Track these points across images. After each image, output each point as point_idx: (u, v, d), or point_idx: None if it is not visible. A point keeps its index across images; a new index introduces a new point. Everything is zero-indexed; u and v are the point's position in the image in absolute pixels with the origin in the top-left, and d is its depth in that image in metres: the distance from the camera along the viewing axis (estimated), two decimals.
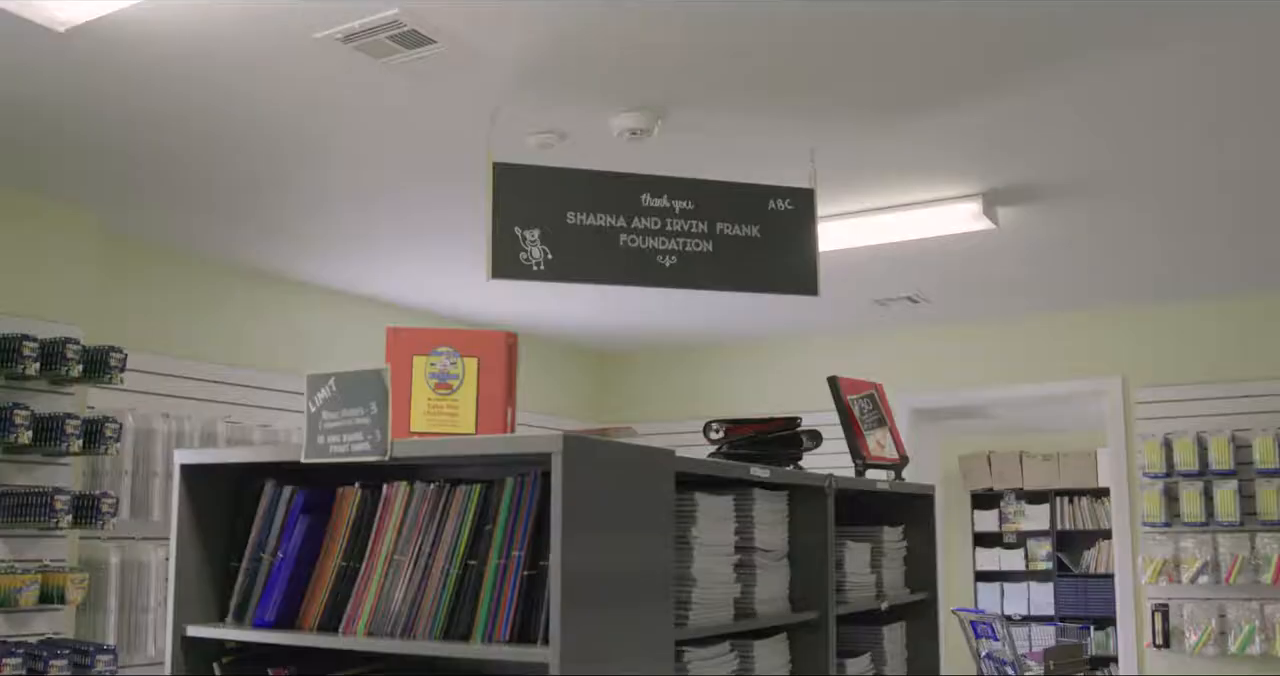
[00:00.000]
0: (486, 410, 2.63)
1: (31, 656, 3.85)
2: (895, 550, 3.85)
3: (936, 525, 4.07)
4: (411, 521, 2.36)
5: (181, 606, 2.59)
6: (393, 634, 2.31)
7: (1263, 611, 5.99)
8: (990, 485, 11.64)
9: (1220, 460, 6.12)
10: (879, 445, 3.77)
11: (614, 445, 2.26)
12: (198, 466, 2.65)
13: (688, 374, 7.92)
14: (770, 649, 2.99)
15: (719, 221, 3.64)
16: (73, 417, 4.16)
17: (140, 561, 4.63)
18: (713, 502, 2.76)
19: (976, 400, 7.11)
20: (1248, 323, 6.34)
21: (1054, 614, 11.25)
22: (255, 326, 5.68)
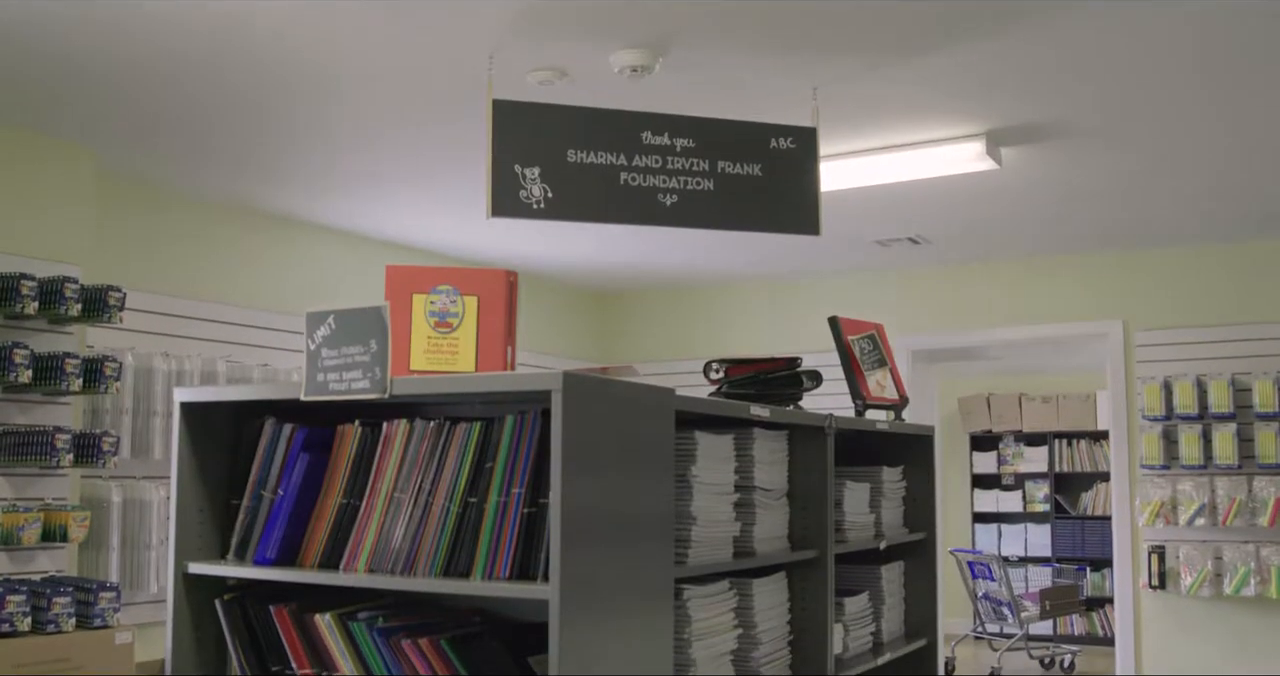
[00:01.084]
0: (486, 348, 2.62)
1: (35, 593, 3.88)
2: (894, 490, 3.86)
3: (935, 466, 4.08)
4: (411, 459, 2.36)
5: (183, 544, 2.60)
6: (393, 571, 2.32)
7: (1258, 553, 6.02)
8: (989, 427, 11.67)
9: (1220, 403, 6.13)
10: (879, 386, 3.77)
11: (614, 383, 2.26)
12: (197, 404, 2.65)
13: (688, 314, 7.91)
14: (769, 587, 3.00)
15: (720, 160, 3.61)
16: (72, 357, 4.16)
17: (141, 500, 4.65)
18: (713, 442, 2.76)
19: (977, 342, 7.11)
20: (1250, 266, 6.33)
21: (1050, 555, 11.33)
22: (255, 265, 5.67)
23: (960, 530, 11.64)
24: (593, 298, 8.15)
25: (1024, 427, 11.53)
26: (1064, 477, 11.50)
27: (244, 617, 2.54)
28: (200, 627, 2.61)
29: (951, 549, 9.99)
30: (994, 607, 9.63)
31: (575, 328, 7.95)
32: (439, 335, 2.65)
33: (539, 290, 7.48)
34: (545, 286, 7.59)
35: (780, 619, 3.07)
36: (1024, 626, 9.40)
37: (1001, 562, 9.52)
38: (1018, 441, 11.69)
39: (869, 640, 3.65)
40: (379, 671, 2.32)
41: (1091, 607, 10.94)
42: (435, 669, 2.23)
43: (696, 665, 2.64)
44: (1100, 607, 10.93)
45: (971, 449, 11.86)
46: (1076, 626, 11.01)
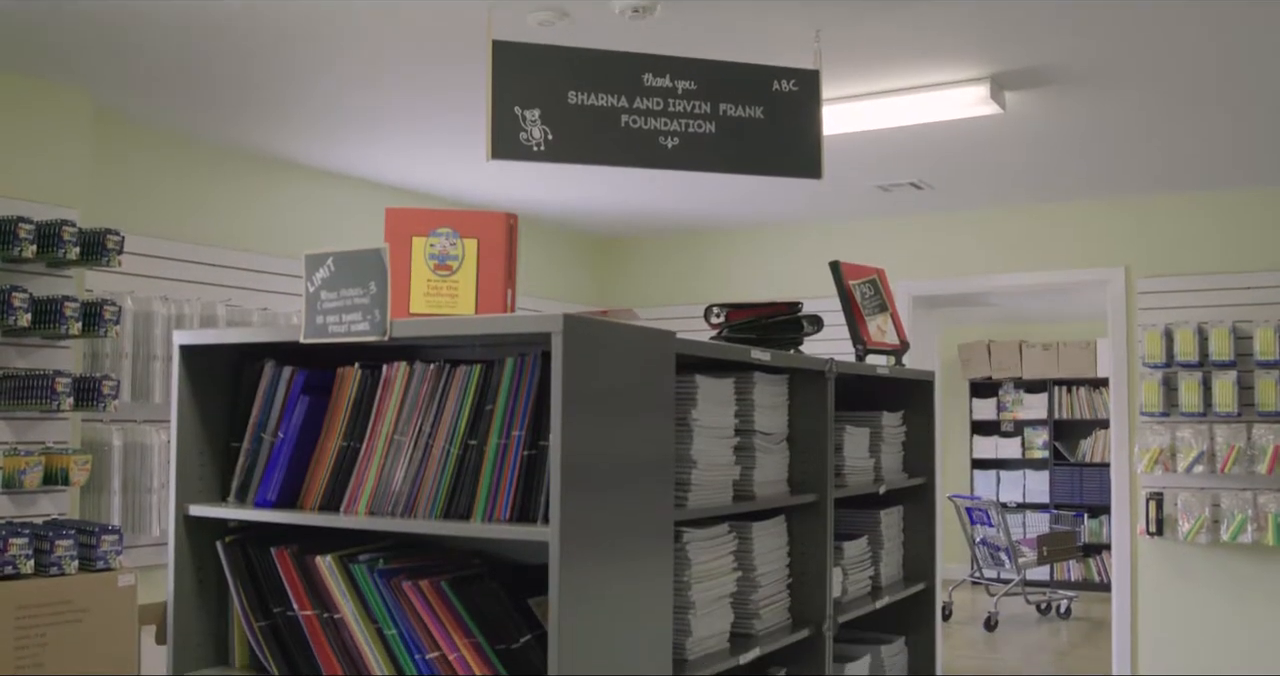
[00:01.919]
0: (486, 291, 2.61)
1: (37, 536, 3.89)
2: (894, 435, 3.86)
3: (935, 412, 4.09)
4: (411, 401, 2.36)
5: (183, 487, 2.60)
6: (393, 513, 2.32)
7: (1256, 501, 6.05)
8: (989, 374, 11.70)
9: (1220, 351, 6.13)
10: (880, 330, 3.76)
11: (615, 326, 2.25)
12: (197, 347, 2.64)
13: (689, 259, 7.89)
14: (768, 531, 3.01)
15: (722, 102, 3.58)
16: (71, 300, 4.14)
17: (142, 444, 4.66)
18: (713, 385, 2.76)
19: (978, 288, 7.10)
20: (1252, 214, 6.30)
21: (1049, 501, 11.40)
22: (254, 209, 5.64)
23: (959, 476, 11.71)
24: (593, 242, 8.12)
25: (1024, 375, 11.56)
26: (1063, 424, 11.54)
27: (245, 559, 2.55)
28: (202, 569, 2.62)
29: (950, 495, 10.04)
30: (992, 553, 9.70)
31: (575, 272, 7.93)
32: (439, 278, 2.64)
33: (539, 235, 7.46)
34: (545, 231, 7.57)
35: (779, 562, 3.08)
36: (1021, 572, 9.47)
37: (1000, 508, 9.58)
38: (1017, 388, 11.72)
39: (867, 584, 3.67)
40: (380, 612, 2.34)
41: (1088, 554, 11.02)
42: (436, 610, 2.24)
43: (695, 607, 2.65)
44: (1097, 554, 11.01)
45: (971, 395, 11.90)
46: (1073, 572, 11.10)
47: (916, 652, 4.01)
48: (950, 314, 10.27)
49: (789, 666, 3.14)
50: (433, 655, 2.24)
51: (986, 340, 11.70)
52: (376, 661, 2.36)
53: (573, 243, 7.90)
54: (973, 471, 11.89)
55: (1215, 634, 6.25)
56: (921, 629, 4.02)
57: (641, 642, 2.30)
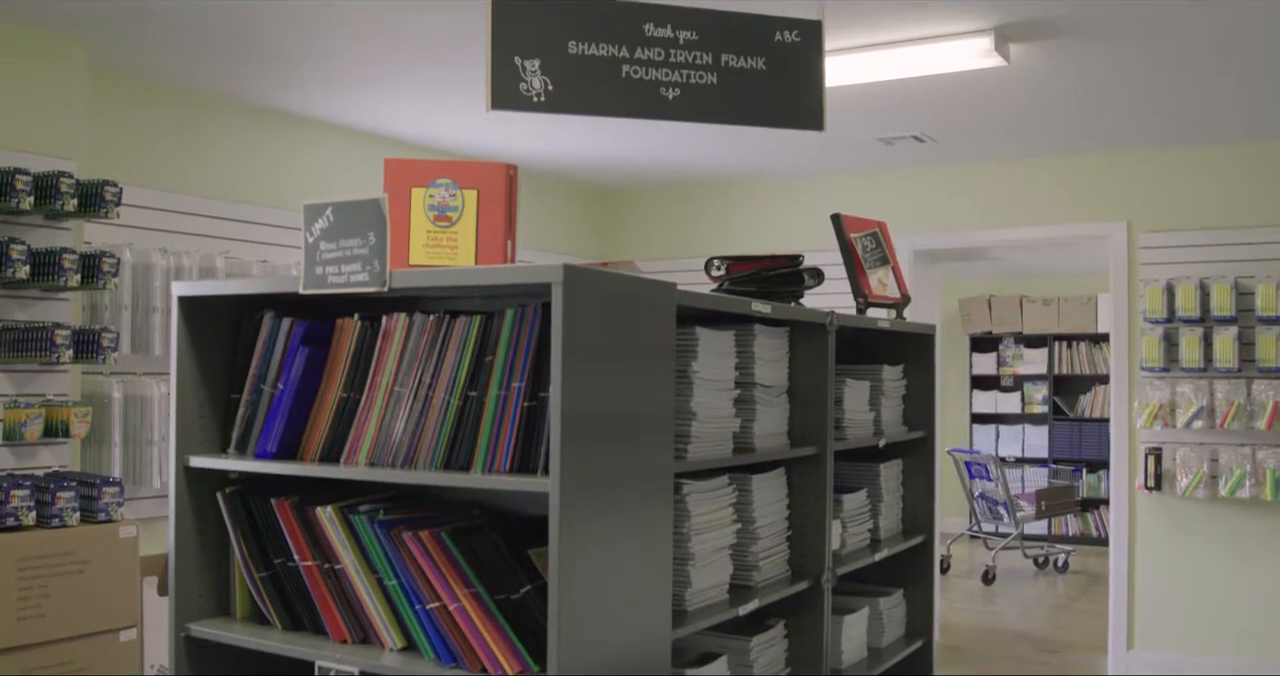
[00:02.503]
0: (486, 242, 2.60)
1: (38, 488, 3.90)
2: (894, 389, 3.86)
3: (936, 365, 4.08)
4: (411, 353, 2.35)
5: (183, 438, 2.61)
6: (393, 464, 2.32)
7: (1254, 456, 6.06)
8: (989, 329, 11.70)
9: (1222, 306, 6.12)
10: (881, 284, 3.75)
11: (615, 276, 2.24)
12: (196, 299, 2.64)
13: (690, 212, 7.86)
14: (768, 483, 3.02)
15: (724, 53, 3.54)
16: (69, 252, 4.13)
17: (143, 396, 4.66)
18: (713, 337, 2.75)
19: (980, 242, 7.07)
20: (1256, 169, 6.26)
21: (1047, 456, 11.44)
22: (253, 161, 5.61)
23: (958, 431, 11.74)
24: (593, 195, 8.09)
25: (1024, 330, 11.56)
26: (1063, 380, 11.55)
27: (245, 510, 2.55)
28: (203, 520, 2.63)
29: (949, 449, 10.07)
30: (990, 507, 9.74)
31: (575, 225, 7.90)
32: (438, 229, 2.62)
33: (539, 187, 7.43)
34: (545, 183, 7.53)
35: (779, 514, 3.09)
36: (1019, 526, 9.52)
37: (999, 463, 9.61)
38: (1018, 343, 11.72)
39: (866, 536, 3.68)
40: (380, 563, 2.34)
41: (1086, 508, 11.07)
42: (436, 560, 2.25)
43: (695, 559, 2.66)
44: (1095, 509, 11.06)
45: (971, 350, 11.91)
46: (1071, 527, 11.15)
47: (914, 605, 4.03)
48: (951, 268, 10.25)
49: (788, 617, 3.16)
50: (433, 605, 2.25)
51: (987, 295, 11.69)
52: (377, 611, 2.37)
53: (573, 195, 7.87)
54: (972, 426, 11.92)
55: (1212, 588, 6.29)
56: (919, 581, 4.04)
57: (641, 593, 2.30)
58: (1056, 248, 7.53)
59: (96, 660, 3.94)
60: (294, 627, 2.52)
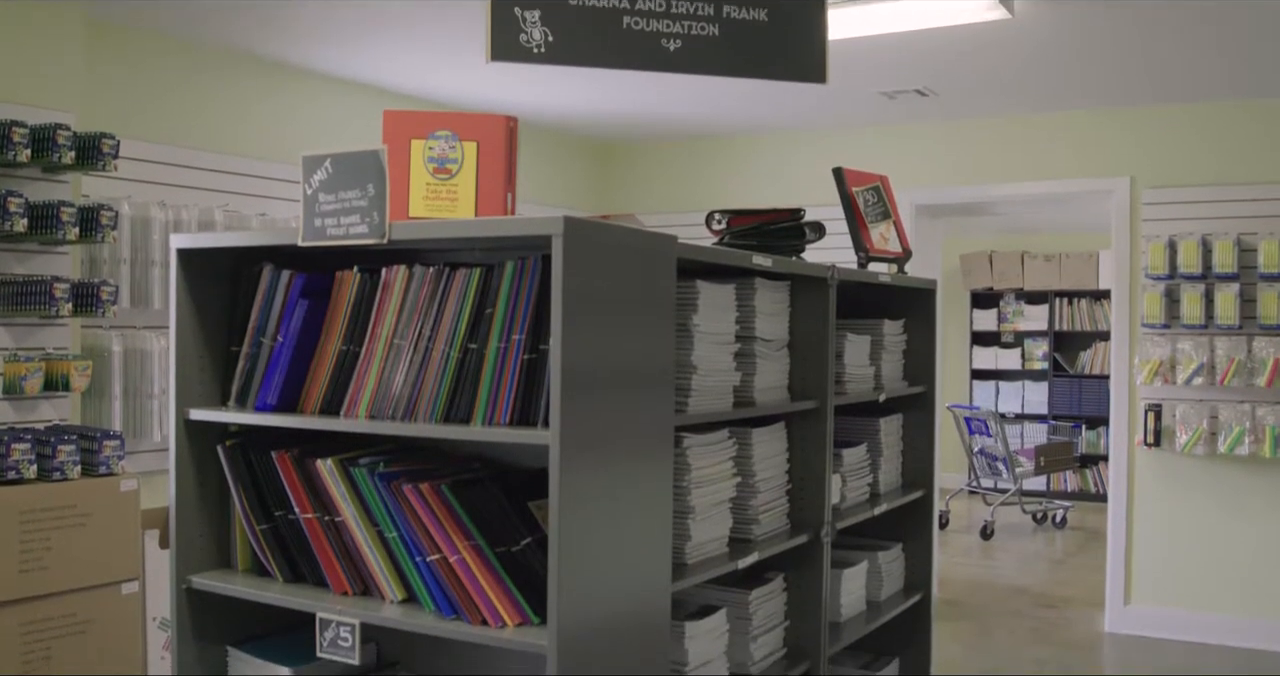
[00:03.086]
0: (486, 195, 2.58)
1: (39, 441, 3.90)
2: (895, 343, 3.86)
3: (936, 320, 4.08)
4: (411, 305, 2.34)
5: (183, 390, 2.60)
6: (393, 417, 2.32)
7: (1254, 413, 6.07)
8: (990, 285, 11.69)
9: (1224, 263, 6.10)
10: (882, 238, 3.73)
11: (616, 229, 2.22)
12: (194, 251, 2.62)
13: (690, 166, 7.82)
14: (768, 437, 3.02)
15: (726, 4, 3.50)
16: (67, 205, 4.11)
17: (142, 350, 4.66)
18: (714, 291, 2.74)
19: (982, 197, 7.04)
20: (1261, 126, 6.22)
21: (1047, 412, 11.45)
22: (252, 114, 5.57)
23: (958, 386, 11.75)
24: (594, 148, 8.05)
25: (1025, 286, 11.55)
26: (1063, 336, 11.55)
27: (246, 463, 2.55)
28: (203, 473, 2.63)
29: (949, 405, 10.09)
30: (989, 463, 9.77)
31: (575, 178, 7.87)
32: (438, 181, 2.61)
33: (539, 140, 7.39)
34: (545, 136, 7.49)
35: (779, 468, 3.09)
36: (1018, 482, 9.55)
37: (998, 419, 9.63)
38: (1018, 299, 11.71)
39: (866, 491, 3.69)
40: (380, 515, 2.34)
41: (1085, 465, 11.11)
42: (436, 513, 2.25)
43: (695, 512, 2.67)
44: (1094, 465, 11.10)
45: (972, 306, 11.91)
46: (1070, 483, 11.19)
47: (913, 559, 4.05)
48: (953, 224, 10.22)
49: (787, 571, 3.17)
50: (433, 557, 2.26)
51: (988, 250, 11.67)
52: (377, 563, 2.37)
53: (573, 148, 7.82)
54: (972, 382, 11.93)
55: (1209, 544, 6.31)
56: (918, 536, 4.06)
57: (641, 546, 2.31)
58: (1059, 203, 7.50)
59: (99, 612, 3.96)
60: (295, 580, 2.53)
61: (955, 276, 11.76)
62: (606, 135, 7.80)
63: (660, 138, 7.83)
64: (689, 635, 2.69)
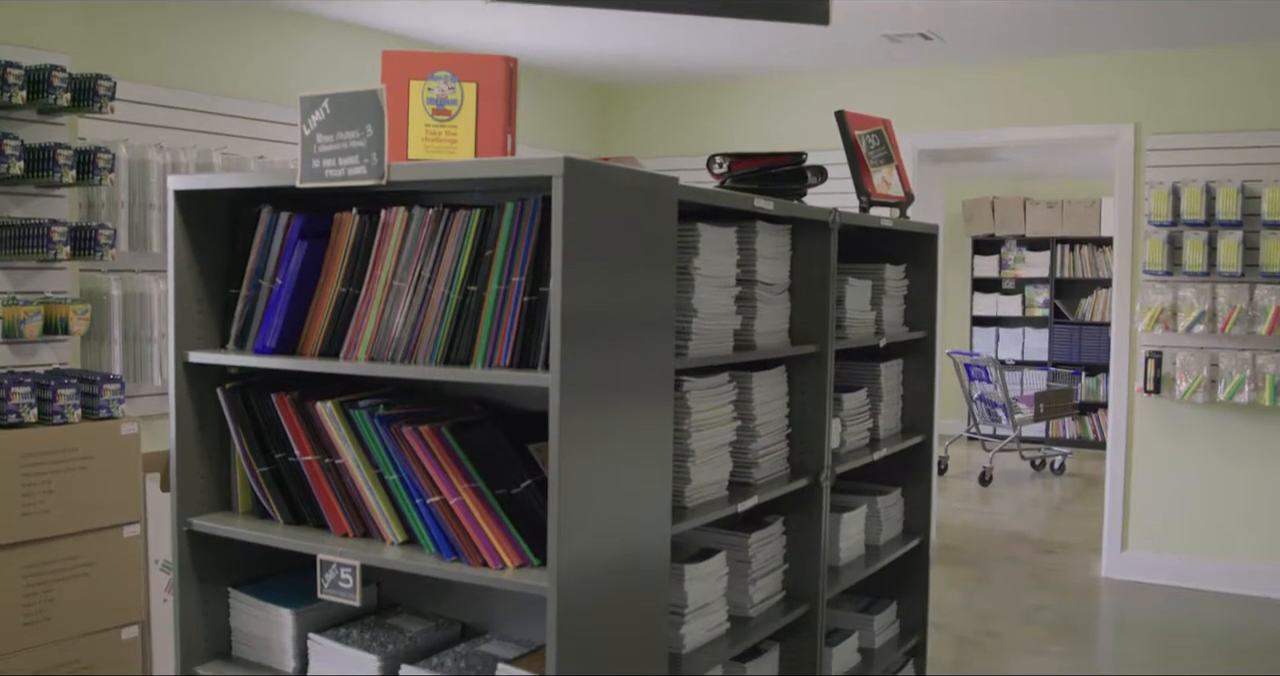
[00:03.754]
0: (486, 136, 2.55)
1: (39, 385, 3.90)
2: (896, 288, 3.84)
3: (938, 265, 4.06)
4: (411, 247, 2.33)
5: (182, 333, 2.59)
6: (393, 359, 2.31)
7: (1254, 361, 6.06)
8: (992, 231, 11.66)
9: (1227, 210, 6.07)
10: (885, 182, 3.71)
11: (616, 170, 2.20)
12: (192, 193, 2.60)
13: (691, 109, 7.77)
14: (768, 381, 3.01)
15: None
16: (64, 148, 4.08)
17: (141, 293, 4.65)
18: (715, 234, 2.73)
19: (986, 142, 7.00)
20: (1267, 71, 6.17)
21: (1047, 359, 11.46)
22: (250, 56, 5.52)
23: (959, 333, 11.76)
24: (594, 91, 7.99)
25: (1027, 232, 11.51)
26: (1064, 283, 11.54)
27: (246, 405, 2.55)
28: (203, 416, 2.63)
29: (949, 351, 10.09)
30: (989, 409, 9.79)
31: (575, 122, 7.81)
32: (437, 123, 2.58)
33: (538, 83, 7.33)
34: (545, 79, 7.43)
35: (779, 412, 3.09)
36: (1017, 428, 9.57)
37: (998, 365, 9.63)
38: (1020, 246, 11.69)
39: (866, 436, 3.69)
40: (381, 457, 2.34)
41: (1084, 412, 11.13)
42: (436, 455, 2.25)
43: (695, 455, 2.67)
44: (1093, 412, 11.12)
45: (973, 252, 11.88)
46: (1069, 430, 11.22)
47: (912, 504, 4.06)
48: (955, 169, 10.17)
49: (786, 515, 3.18)
50: (433, 499, 2.26)
51: (990, 197, 11.62)
52: (378, 505, 2.38)
53: (572, 92, 7.77)
54: (972, 328, 11.93)
55: (1207, 491, 6.34)
56: (917, 481, 4.07)
57: (641, 488, 2.31)
58: (1063, 149, 7.45)
59: (101, 555, 3.98)
60: (295, 522, 2.54)
61: (957, 223, 11.72)
62: (607, 79, 7.74)
63: (661, 81, 7.77)
64: (688, 577, 2.70)
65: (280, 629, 2.61)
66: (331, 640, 2.53)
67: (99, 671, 3.99)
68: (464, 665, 2.42)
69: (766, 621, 3.03)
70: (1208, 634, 5.51)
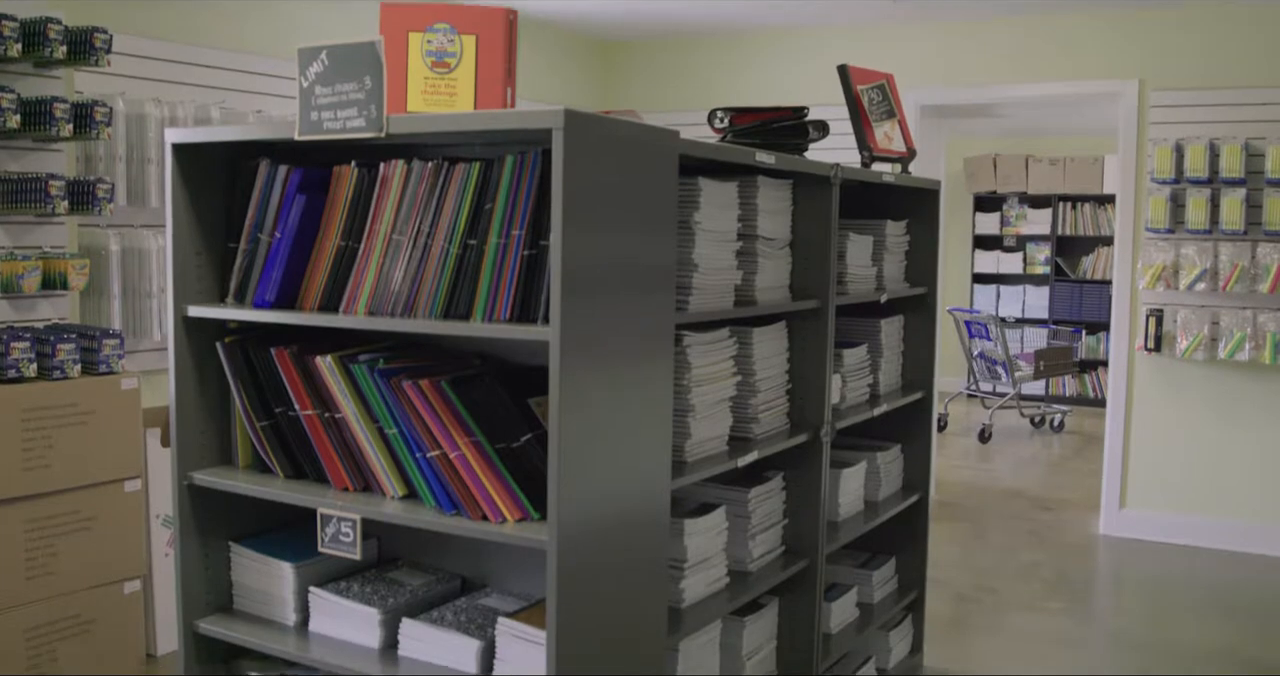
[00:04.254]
0: (485, 89, 2.53)
1: (39, 340, 3.89)
2: (897, 244, 3.83)
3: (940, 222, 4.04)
4: (410, 200, 2.31)
5: (181, 287, 2.59)
6: (393, 313, 2.30)
7: (1255, 319, 6.05)
8: (994, 188, 11.61)
9: (1231, 168, 6.04)
10: (887, 137, 3.69)
11: (617, 123, 2.19)
12: (190, 145, 2.59)
13: (692, 64, 7.71)
14: (769, 336, 3.01)
15: None
16: (60, 101, 4.04)
17: (140, 248, 4.63)
18: (716, 188, 2.71)
19: (989, 98, 6.94)
20: (1275, 28, 6.11)
21: (1048, 317, 11.45)
22: (249, 9, 5.47)
23: (959, 290, 11.74)
24: (594, 46, 7.93)
25: (1029, 190, 11.47)
26: (1066, 240, 11.50)
27: (245, 360, 2.55)
28: (203, 370, 2.62)
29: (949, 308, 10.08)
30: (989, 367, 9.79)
31: (575, 77, 7.76)
32: (436, 76, 2.56)
33: (538, 37, 7.27)
34: (545, 33, 7.37)
35: (779, 368, 3.09)
36: (1017, 386, 9.58)
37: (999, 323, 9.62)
38: (1022, 203, 11.64)
39: (866, 391, 3.70)
40: (380, 411, 2.34)
41: (1084, 370, 11.13)
42: (436, 409, 2.24)
43: (695, 410, 2.67)
44: (1093, 370, 11.12)
45: (975, 210, 11.84)
46: (1068, 387, 11.22)
47: (911, 460, 4.07)
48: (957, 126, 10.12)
49: (786, 470, 3.19)
50: (434, 453, 2.26)
51: (992, 154, 11.56)
52: (378, 460, 2.38)
53: (573, 46, 7.71)
54: (973, 286, 11.91)
55: (1206, 449, 6.34)
56: (917, 437, 4.08)
57: (641, 443, 2.31)
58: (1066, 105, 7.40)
59: (102, 509, 3.99)
60: (296, 476, 2.54)
61: (959, 180, 11.67)
62: (608, 33, 7.68)
63: (662, 36, 7.71)
64: (688, 532, 2.71)
65: (281, 582, 2.62)
66: (332, 593, 2.54)
67: (101, 625, 4.02)
68: (464, 618, 2.43)
69: (766, 576, 3.04)
70: (1205, 591, 5.54)
